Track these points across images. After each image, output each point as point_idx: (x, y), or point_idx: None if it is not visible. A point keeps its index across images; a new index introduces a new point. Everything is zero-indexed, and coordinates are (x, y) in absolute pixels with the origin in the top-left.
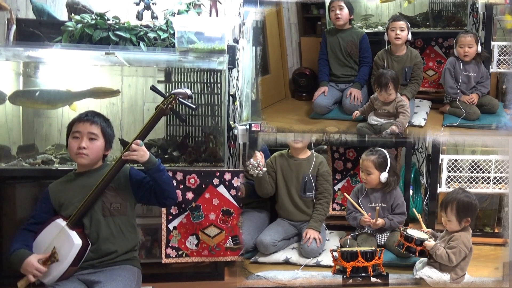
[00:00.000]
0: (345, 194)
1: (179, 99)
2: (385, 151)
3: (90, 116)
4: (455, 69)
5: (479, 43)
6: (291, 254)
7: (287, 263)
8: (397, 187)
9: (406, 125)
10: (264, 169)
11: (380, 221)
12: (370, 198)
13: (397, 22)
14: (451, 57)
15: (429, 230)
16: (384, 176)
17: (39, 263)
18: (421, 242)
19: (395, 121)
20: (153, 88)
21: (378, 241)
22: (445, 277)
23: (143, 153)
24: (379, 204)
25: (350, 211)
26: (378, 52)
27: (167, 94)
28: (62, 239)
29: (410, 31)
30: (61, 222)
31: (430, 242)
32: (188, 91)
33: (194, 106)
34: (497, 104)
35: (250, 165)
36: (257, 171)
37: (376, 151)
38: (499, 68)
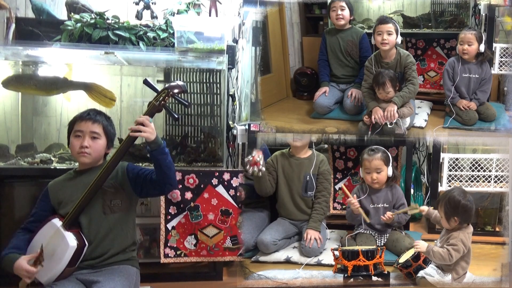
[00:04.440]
0: (343, 186)
1: (173, 94)
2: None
3: (92, 115)
4: (454, 70)
5: (482, 42)
6: (292, 253)
7: (288, 262)
8: (397, 185)
9: (408, 122)
10: (263, 168)
11: (389, 214)
12: (372, 199)
13: (384, 25)
14: (452, 57)
15: (416, 204)
16: (390, 170)
17: (29, 264)
18: (415, 257)
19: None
20: (146, 82)
21: (378, 242)
22: (447, 276)
23: (152, 131)
24: (382, 205)
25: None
26: (368, 58)
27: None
28: (58, 240)
29: (399, 33)
30: (56, 222)
31: (420, 245)
32: (181, 83)
33: (187, 103)
34: (493, 115)
35: (247, 162)
36: (256, 170)
37: (377, 148)
38: (501, 70)
